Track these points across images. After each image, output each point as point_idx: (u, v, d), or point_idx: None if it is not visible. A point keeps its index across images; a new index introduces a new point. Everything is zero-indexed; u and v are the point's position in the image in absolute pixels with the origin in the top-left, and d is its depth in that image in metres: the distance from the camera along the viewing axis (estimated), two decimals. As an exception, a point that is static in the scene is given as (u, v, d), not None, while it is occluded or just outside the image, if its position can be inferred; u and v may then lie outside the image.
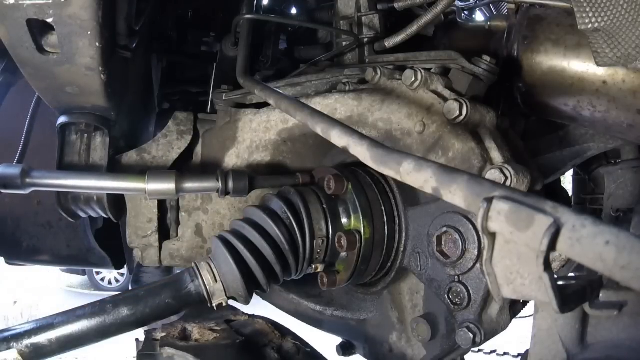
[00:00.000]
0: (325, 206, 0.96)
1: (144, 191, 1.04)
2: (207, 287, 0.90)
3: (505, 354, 3.93)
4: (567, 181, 2.15)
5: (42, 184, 1.05)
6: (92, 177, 1.08)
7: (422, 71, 0.93)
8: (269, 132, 1.15)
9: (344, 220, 0.96)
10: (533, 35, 1.07)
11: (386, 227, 0.97)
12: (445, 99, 0.90)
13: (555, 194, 1.55)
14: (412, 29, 1.19)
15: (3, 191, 1.04)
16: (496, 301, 0.83)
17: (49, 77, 1.00)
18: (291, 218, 0.94)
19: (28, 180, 1.03)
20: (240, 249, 0.91)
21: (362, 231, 0.94)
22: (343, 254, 0.95)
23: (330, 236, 0.95)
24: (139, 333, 0.98)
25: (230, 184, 1.03)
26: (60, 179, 1.06)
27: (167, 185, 1.03)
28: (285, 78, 1.24)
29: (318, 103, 1.06)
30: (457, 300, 0.85)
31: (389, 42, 1.23)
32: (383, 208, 0.97)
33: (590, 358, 0.72)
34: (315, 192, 0.98)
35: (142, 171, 1.08)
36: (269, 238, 0.93)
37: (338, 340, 1.18)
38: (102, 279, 7.01)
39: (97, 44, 0.90)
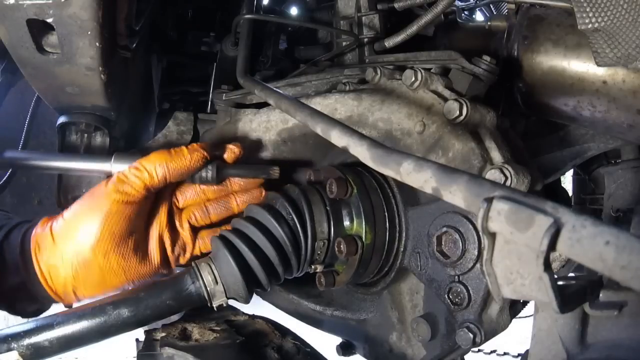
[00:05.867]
0: (328, 208, 0.96)
1: (110, 173, 1.04)
2: (208, 289, 0.89)
3: (505, 354, 3.93)
4: (567, 181, 2.15)
5: (11, 164, 1.09)
6: (59, 157, 1.09)
7: (422, 71, 0.93)
8: (269, 132, 1.15)
9: (346, 224, 0.96)
10: (533, 35, 1.07)
11: (387, 233, 0.96)
12: (445, 99, 0.90)
13: (555, 194, 1.55)
14: (412, 29, 1.19)
15: None
16: (496, 301, 0.83)
17: (49, 77, 1.00)
18: (295, 219, 0.93)
19: None
20: (242, 248, 0.91)
21: (364, 237, 0.94)
22: (342, 258, 0.95)
23: (332, 239, 0.95)
24: (139, 333, 0.98)
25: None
26: (29, 160, 1.08)
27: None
28: (285, 78, 1.24)
29: (318, 103, 1.06)
30: (457, 300, 0.85)
31: (389, 42, 1.23)
32: (386, 214, 0.97)
33: (590, 358, 0.72)
34: (319, 193, 0.98)
35: (109, 153, 1.08)
36: (272, 238, 0.92)
37: (338, 340, 1.18)
38: (102, 279, 6.99)
39: (97, 44, 0.90)
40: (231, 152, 1.03)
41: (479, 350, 3.81)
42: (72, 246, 0.90)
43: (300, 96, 1.11)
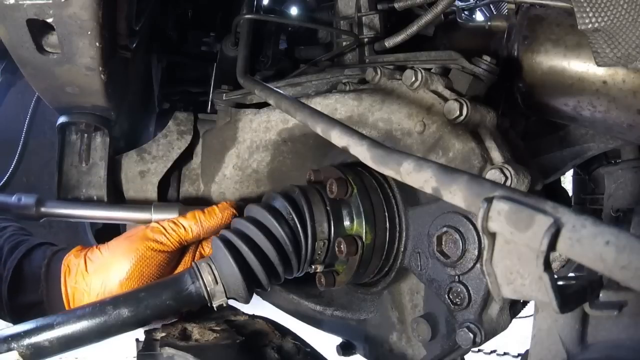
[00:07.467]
0: (328, 208, 0.95)
1: (150, 221, 1.10)
2: (208, 289, 0.89)
3: (505, 354, 3.92)
4: (567, 181, 2.15)
5: (55, 213, 1.15)
6: (101, 207, 1.17)
7: (422, 71, 0.93)
8: (269, 132, 1.15)
9: (347, 224, 0.96)
10: (533, 35, 1.07)
11: (388, 233, 0.96)
12: (445, 99, 0.90)
13: (555, 194, 1.55)
14: (412, 29, 1.19)
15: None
16: (496, 301, 0.83)
17: (49, 77, 1.00)
18: (295, 219, 0.93)
19: (42, 209, 1.14)
20: (242, 249, 0.91)
21: (364, 237, 0.94)
22: (343, 258, 0.95)
23: (332, 239, 0.95)
24: (139, 333, 0.98)
25: None
26: (72, 209, 1.16)
27: (171, 216, 1.08)
28: (285, 78, 1.24)
29: (318, 103, 1.06)
30: (457, 300, 0.85)
31: (389, 42, 1.23)
32: (386, 214, 0.97)
33: (590, 358, 0.72)
34: (320, 193, 0.97)
35: (147, 202, 1.18)
36: (273, 238, 0.92)
37: (338, 340, 1.18)
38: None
39: (97, 44, 0.90)
40: None
41: (479, 350, 3.81)
42: (102, 277, 0.97)
43: (300, 96, 1.11)
